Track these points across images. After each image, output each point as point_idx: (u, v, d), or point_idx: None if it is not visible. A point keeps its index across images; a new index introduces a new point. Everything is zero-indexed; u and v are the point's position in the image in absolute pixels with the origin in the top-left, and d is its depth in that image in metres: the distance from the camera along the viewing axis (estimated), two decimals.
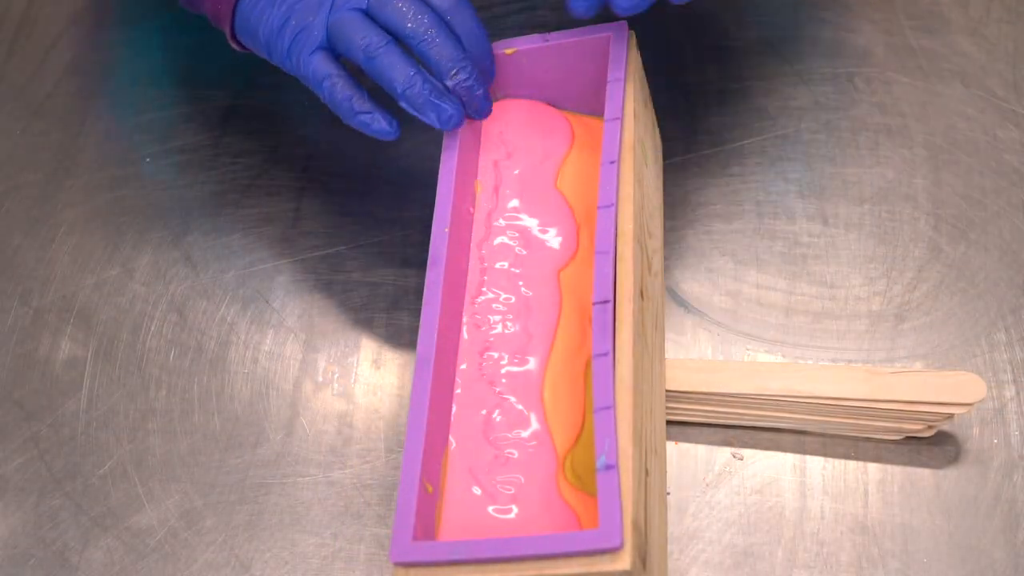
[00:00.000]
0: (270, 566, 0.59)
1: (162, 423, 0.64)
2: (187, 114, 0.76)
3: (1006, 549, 0.57)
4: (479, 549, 0.48)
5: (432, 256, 0.57)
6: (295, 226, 0.70)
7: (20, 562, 0.59)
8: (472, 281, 0.58)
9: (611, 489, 0.48)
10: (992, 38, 0.76)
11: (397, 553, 0.48)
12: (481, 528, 0.52)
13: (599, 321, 0.53)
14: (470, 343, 0.57)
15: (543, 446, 0.54)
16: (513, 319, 0.57)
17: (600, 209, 0.56)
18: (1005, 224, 0.68)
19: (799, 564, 0.57)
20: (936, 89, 0.74)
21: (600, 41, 0.63)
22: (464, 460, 0.54)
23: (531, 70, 0.64)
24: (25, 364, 0.66)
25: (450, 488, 0.53)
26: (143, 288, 0.69)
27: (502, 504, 0.52)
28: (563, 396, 0.55)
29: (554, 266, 0.59)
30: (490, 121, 0.63)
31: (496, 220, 0.60)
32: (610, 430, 0.50)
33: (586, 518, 0.52)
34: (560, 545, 0.48)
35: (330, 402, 0.64)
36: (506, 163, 0.62)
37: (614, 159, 0.57)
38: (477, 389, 0.55)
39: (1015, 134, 0.72)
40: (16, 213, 0.73)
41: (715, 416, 0.61)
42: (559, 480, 0.53)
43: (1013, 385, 0.62)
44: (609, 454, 0.49)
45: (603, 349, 0.52)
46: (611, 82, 0.60)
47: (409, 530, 0.49)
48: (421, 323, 0.54)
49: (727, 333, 0.65)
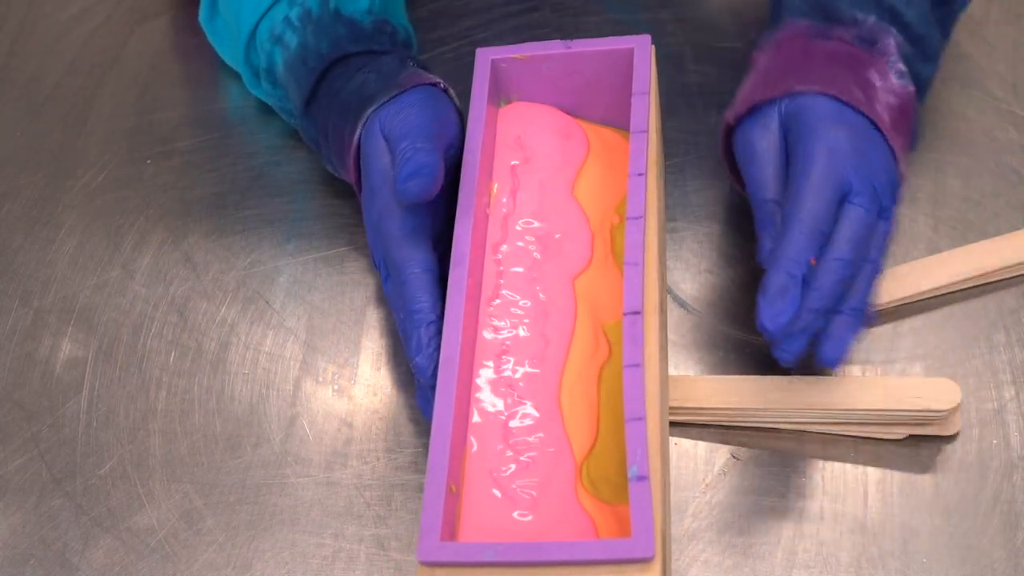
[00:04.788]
0: (270, 566, 0.59)
1: (162, 423, 0.64)
2: (188, 115, 0.77)
3: (1006, 549, 0.57)
4: (509, 552, 0.48)
5: (456, 255, 0.57)
6: (295, 227, 0.71)
7: (20, 562, 0.59)
8: (488, 283, 0.58)
9: (643, 499, 0.48)
10: (991, 39, 0.76)
11: (424, 552, 0.48)
12: (500, 531, 0.52)
13: (630, 332, 0.53)
14: (487, 345, 0.56)
15: (562, 452, 0.54)
16: (530, 323, 0.57)
17: (630, 220, 0.56)
18: (1004, 225, 0.68)
19: (799, 564, 0.57)
20: (935, 90, 0.74)
21: (623, 53, 0.62)
22: (483, 462, 0.53)
23: (550, 75, 0.64)
24: (26, 365, 0.66)
25: (469, 490, 0.53)
26: (144, 289, 0.69)
27: (521, 508, 0.52)
28: (579, 403, 0.55)
29: (569, 273, 0.59)
30: (507, 124, 0.63)
31: (514, 224, 0.60)
32: (642, 441, 0.50)
33: (603, 526, 0.52)
34: (592, 552, 0.48)
35: (330, 403, 0.64)
36: (524, 168, 0.62)
37: (642, 171, 0.58)
38: (495, 391, 0.55)
39: (1014, 135, 0.72)
40: (17, 214, 0.73)
41: (715, 417, 0.61)
42: (577, 487, 0.53)
43: (1012, 386, 0.62)
44: (641, 465, 0.49)
45: (635, 360, 0.52)
46: (636, 95, 0.60)
47: (437, 530, 0.49)
48: (445, 323, 0.54)
49: (727, 333, 0.65)
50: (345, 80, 0.64)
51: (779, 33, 0.62)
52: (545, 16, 0.79)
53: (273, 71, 0.69)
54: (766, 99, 0.59)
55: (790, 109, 0.58)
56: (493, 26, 0.78)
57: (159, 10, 0.82)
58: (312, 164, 0.73)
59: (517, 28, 0.78)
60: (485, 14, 0.79)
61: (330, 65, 0.65)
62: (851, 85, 0.58)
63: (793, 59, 0.60)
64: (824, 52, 0.60)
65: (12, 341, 0.67)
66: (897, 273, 0.65)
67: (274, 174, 0.73)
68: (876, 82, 0.59)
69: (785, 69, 0.60)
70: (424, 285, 0.57)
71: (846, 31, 0.61)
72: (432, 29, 0.78)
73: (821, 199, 0.55)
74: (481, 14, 0.79)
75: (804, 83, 0.58)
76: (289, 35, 0.67)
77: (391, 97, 0.61)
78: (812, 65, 0.59)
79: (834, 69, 0.59)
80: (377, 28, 0.67)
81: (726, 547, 0.58)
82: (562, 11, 0.79)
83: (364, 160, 0.62)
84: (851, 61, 0.60)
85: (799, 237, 0.54)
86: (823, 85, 0.58)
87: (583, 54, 0.63)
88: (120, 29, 0.82)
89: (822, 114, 0.57)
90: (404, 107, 0.60)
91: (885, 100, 0.59)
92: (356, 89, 0.63)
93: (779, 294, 0.54)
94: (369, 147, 0.61)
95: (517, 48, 0.64)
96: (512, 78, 0.64)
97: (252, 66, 0.71)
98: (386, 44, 0.67)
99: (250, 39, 0.69)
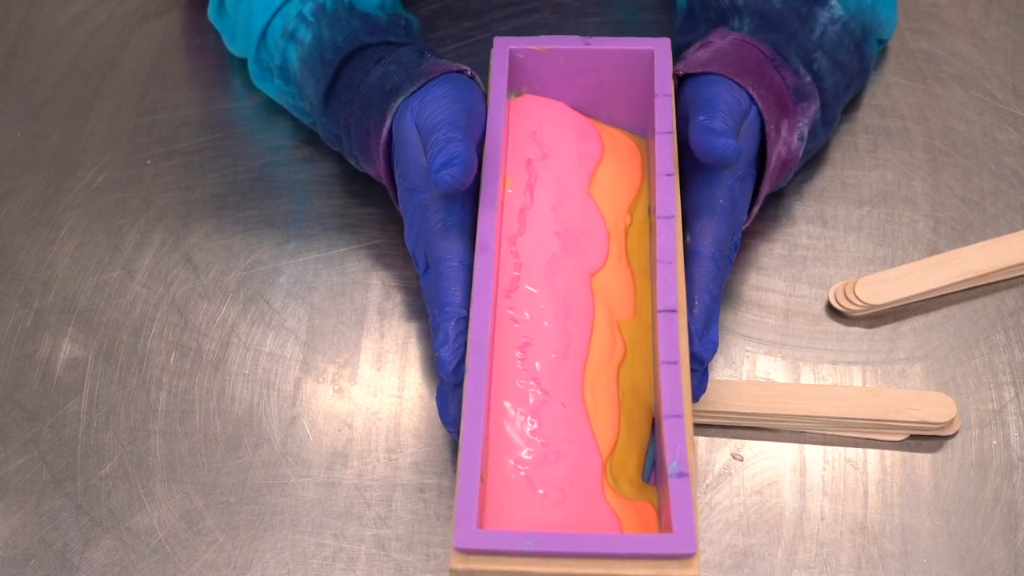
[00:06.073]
0: (270, 566, 0.59)
1: (163, 424, 0.64)
2: (189, 116, 0.77)
3: (1006, 549, 0.57)
4: (548, 542, 0.48)
5: (480, 243, 0.56)
6: (296, 228, 0.71)
7: (21, 562, 0.59)
8: (504, 274, 0.58)
9: (685, 495, 0.49)
10: (991, 40, 0.76)
11: (461, 539, 0.48)
12: (526, 523, 0.51)
13: (666, 330, 0.53)
14: (507, 336, 0.56)
15: (588, 447, 0.54)
16: (552, 317, 0.57)
17: (661, 219, 0.56)
18: (1004, 226, 0.68)
19: (799, 565, 0.57)
20: (935, 91, 0.74)
21: (643, 55, 0.62)
22: (508, 453, 0.53)
23: (565, 70, 0.64)
24: (26, 365, 0.66)
25: (494, 480, 0.53)
26: (144, 290, 0.69)
27: (550, 501, 0.52)
28: (602, 400, 0.55)
29: (587, 270, 0.59)
30: (522, 118, 0.63)
31: (532, 217, 0.60)
32: (681, 437, 0.50)
33: (626, 522, 0.52)
34: (633, 546, 0.48)
35: (330, 403, 0.64)
36: (541, 163, 0.62)
37: (670, 171, 0.58)
38: (520, 384, 0.55)
39: (1014, 136, 0.72)
40: (17, 215, 0.73)
41: (715, 418, 0.61)
42: (604, 484, 0.53)
43: (1012, 386, 0.62)
44: (681, 461, 0.50)
45: (672, 357, 0.52)
46: (660, 96, 0.61)
47: (473, 517, 0.48)
48: (473, 309, 0.54)
49: (727, 335, 0.65)
50: (364, 73, 0.64)
51: (747, 39, 0.64)
52: (545, 17, 0.79)
53: (287, 68, 0.69)
54: (722, 73, 0.61)
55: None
56: (493, 27, 0.78)
57: (160, 11, 0.82)
58: (313, 165, 0.73)
59: (517, 29, 0.78)
60: (485, 15, 0.79)
61: (347, 58, 0.65)
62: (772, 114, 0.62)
63: (749, 61, 0.63)
64: (770, 78, 0.63)
65: (12, 342, 0.67)
66: (897, 273, 0.65)
67: (275, 175, 0.73)
68: (783, 132, 0.62)
69: (741, 68, 0.62)
70: (459, 279, 0.57)
71: (789, 76, 0.63)
72: (432, 30, 0.78)
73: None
74: (481, 15, 0.79)
75: (741, 79, 0.61)
76: (303, 30, 0.67)
77: (419, 87, 0.61)
78: (758, 77, 0.62)
79: (766, 94, 0.62)
80: (392, 21, 0.67)
81: (726, 547, 0.58)
82: (562, 12, 0.79)
83: (398, 152, 0.61)
84: (779, 99, 0.62)
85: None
86: (758, 96, 0.61)
87: (601, 52, 0.63)
88: (121, 30, 0.82)
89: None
90: (434, 97, 0.60)
91: (776, 151, 0.62)
92: (377, 81, 0.63)
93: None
94: (403, 138, 0.61)
95: (536, 40, 0.63)
96: (527, 70, 0.64)
97: (263, 63, 0.71)
98: (401, 36, 0.66)
99: (262, 37, 0.69)
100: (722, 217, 0.59)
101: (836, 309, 0.65)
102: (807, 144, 0.65)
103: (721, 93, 0.60)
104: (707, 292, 0.58)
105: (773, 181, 0.64)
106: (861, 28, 0.67)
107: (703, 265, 0.58)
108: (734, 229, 0.60)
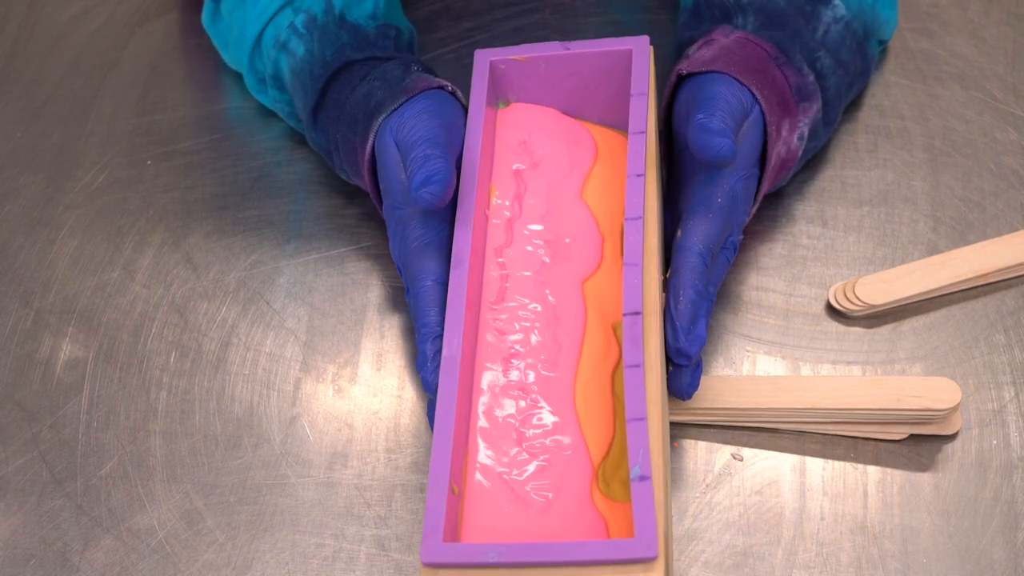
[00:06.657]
0: (270, 566, 0.59)
1: (163, 424, 0.64)
2: (189, 116, 0.77)
3: (1006, 549, 0.57)
4: (511, 553, 0.48)
5: (456, 256, 0.57)
6: (296, 228, 0.71)
7: (21, 562, 0.60)
8: (491, 286, 0.58)
9: (646, 499, 0.49)
10: (991, 40, 0.76)
11: (428, 554, 0.48)
12: (509, 532, 0.52)
13: (630, 333, 0.53)
14: (494, 348, 0.56)
15: (577, 452, 0.54)
16: (541, 327, 0.57)
17: (628, 221, 0.56)
18: (1004, 226, 0.68)
19: (799, 565, 0.57)
20: (935, 91, 0.74)
21: (621, 54, 0.62)
22: (493, 464, 0.53)
23: (548, 76, 0.64)
24: (26, 365, 0.66)
25: (476, 491, 0.53)
26: (144, 290, 0.69)
27: (534, 509, 0.52)
28: (594, 405, 0.55)
29: (578, 276, 0.59)
30: (511, 128, 0.63)
31: (519, 228, 0.60)
32: (644, 441, 0.50)
33: (614, 527, 0.52)
34: (595, 552, 0.48)
35: (330, 403, 0.64)
36: (531, 173, 0.62)
37: (640, 172, 0.58)
38: (506, 394, 0.55)
39: (1014, 136, 0.72)
40: (17, 214, 0.73)
41: (715, 417, 0.61)
42: (593, 488, 0.53)
43: (1012, 386, 0.62)
44: (643, 465, 0.50)
45: (635, 360, 0.52)
46: (635, 96, 0.60)
47: (440, 531, 0.49)
48: (446, 324, 0.55)
49: (727, 335, 0.65)
50: (350, 90, 0.64)
51: (751, 38, 0.64)
52: (545, 17, 0.79)
53: (280, 77, 0.69)
54: (726, 72, 0.61)
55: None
56: (493, 27, 0.78)
57: (160, 11, 0.82)
58: (313, 165, 0.73)
59: (517, 29, 0.78)
60: (485, 15, 0.79)
61: (334, 74, 0.65)
62: (774, 112, 0.62)
63: (753, 60, 0.62)
64: (772, 77, 0.63)
65: (13, 342, 0.67)
66: (897, 273, 0.65)
67: (275, 175, 0.73)
68: (783, 131, 0.62)
69: (745, 67, 0.62)
70: (434, 299, 0.58)
71: (792, 75, 0.63)
72: (432, 30, 0.78)
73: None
74: (481, 15, 0.79)
75: (744, 78, 0.61)
76: (295, 42, 0.67)
77: (399, 105, 0.61)
78: (761, 76, 0.62)
79: (769, 93, 0.62)
80: (381, 33, 0.67)
81: (726, 547, 0.58)
82: (562, 12, 0.79)
83: (381, 169, 0.62)
84: (781, 99, 0.62)
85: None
86: (760, 95, 0.61)
87: (582, 55, 0.63)
88: (121, 30, 0.82)
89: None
90: (413, 114, 0.60)
91: (776, 150, 0.62)
92: (362, 99, 0.63)
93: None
94: (384, 156, 0.61)
95: (516, 49, 0.64)
96: (511, 79, 0.64)
97: (257, 72, 0.71)
98: (390, 49, 0.67)
99: (255, 46, 0.69)
100: (718, 215, 0.59)
101: (836, 309, 0.65)
102: (808, 144, 0.65)
103: (723, 92, 0.60)
104: (692, 287, 0.57)
105: (772, 180, 0.64)
106: (863, 28, 0.67)
107: (689, 260, 0.58)
108: (731, 227, 0.60)
